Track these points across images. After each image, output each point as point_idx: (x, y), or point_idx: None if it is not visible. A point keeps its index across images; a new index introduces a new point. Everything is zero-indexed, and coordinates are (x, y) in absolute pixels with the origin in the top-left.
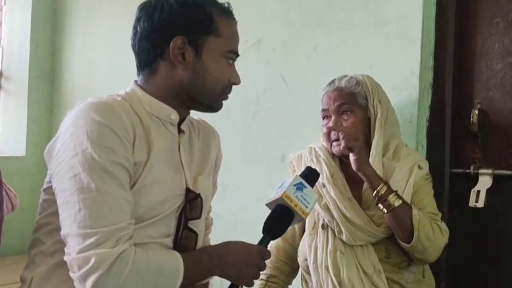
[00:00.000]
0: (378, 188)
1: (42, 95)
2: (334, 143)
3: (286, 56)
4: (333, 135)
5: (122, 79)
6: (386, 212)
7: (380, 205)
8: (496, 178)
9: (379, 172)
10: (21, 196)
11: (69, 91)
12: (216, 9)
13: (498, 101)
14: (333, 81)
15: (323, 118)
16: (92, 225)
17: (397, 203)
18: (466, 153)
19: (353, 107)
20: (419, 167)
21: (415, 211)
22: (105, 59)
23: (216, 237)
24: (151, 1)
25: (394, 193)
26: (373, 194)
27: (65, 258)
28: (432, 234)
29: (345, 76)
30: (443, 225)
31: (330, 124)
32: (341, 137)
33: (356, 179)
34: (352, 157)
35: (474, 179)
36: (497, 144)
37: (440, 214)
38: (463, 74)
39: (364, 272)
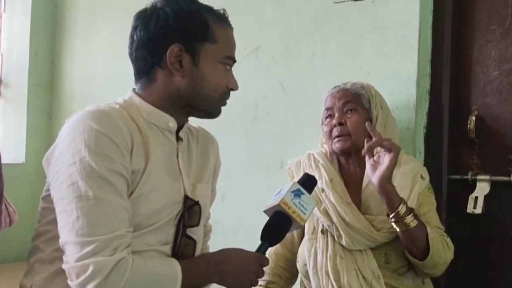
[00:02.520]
0: (398, 208)
1: (41, 102)
2: (335, 139)
3: (284, 63)
4: (335, 131)
5: (122, 86)
6: (400, 231)
7: (394, 224)
8: (493, 184)
9: None
10: (21, 203)
11: (69, 98)
12: (212, 16)
13: (495, 108)
14: (338, 85)
15: (326, 117)
16: (90, 233)
17: (413, 224)
18: (463, 160)
19: (357, 106)
20: (421, 177)
21: (429, 229)
22: (104, 66)
23: (215, 244)
24: (147, 10)
25: (411, 214)
26: (391, 214)
27: (64, 266)
28: (442, 250)
29: (350, 81)
30: (449, 240)
31: (334, 121)
32: (383, 143)
33: (354, 184)
34: (382, 171)
35: (472, 186)
36: (495, 150)
37: (443, 228)
38: (460, 81)
39: (364, 277)
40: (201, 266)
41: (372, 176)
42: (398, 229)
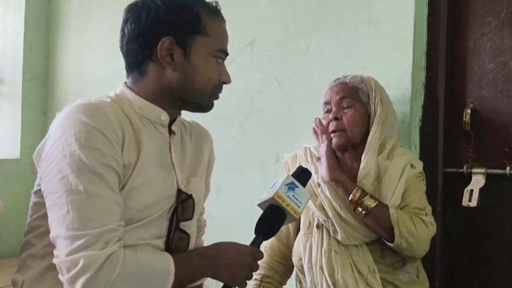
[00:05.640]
0: (353, 192)
1: (36, 97)
2: (332, 135)
3: (279, 57)
4: (331, 126)
5: (116, 81)
6: (364, 216)
7: (357, 209)
8: (489, 177)
9: (373, 170)
10: (16, 198)
11: (63, 93)
12: (204, 8)
13: (490, 101)
14: (338, 78)
15: (325, 112)
16: (80, 227)
17: (372, 204)
18: (459, 153)
19: (354, 101)
20: (411, 166)
21: (391, 210)
22: (99, 61)
23: (211, 238)
24: (137, 3)
25: (368, 195)
26: (349, 200)
27: (54, 260)
28: (415, 229)
29: (351, 74)
30: (428, 218)
31: (330, 115)
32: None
33: (351, 178)
34: (324, 163)
35: (467, 179)
36: (490, 143)
37: (428, 208)
38: (456, 74)
39: (359, 272)
40: (194, 260)
41: (324, 175)
42: (362, 213)
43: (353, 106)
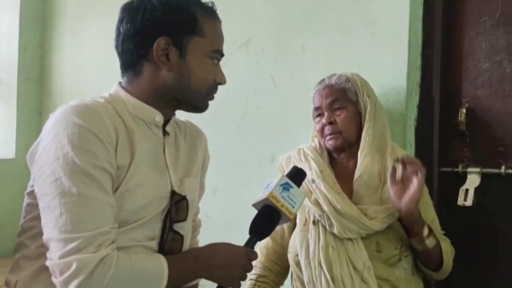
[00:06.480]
0: (424, 229)
1: (31, 97)
2: (328, 137)
3: (275, 56)
4: (326, 130)
5: (112, 81)
6: (419, 249)
7: (414, 244)
8: (484, 177)
9: (375, 165)
10: (11, 198)
11: (59, 93)
12: (200, 9)
13: (485, 100)
14: (323, 79)
15: (316, 116)
16: (73, 230)
17: (432, 245)
18: (454, 152)
19: (344, 102)
20: None
21: (443, 244)
22: (94, 61)
23: (206, 238)
24: (133, 2)
25: (433, 235)
26: (413, 237)
27: (47, 263)
28: (451, 259)
29: (334, 74)
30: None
31: (324, 120)
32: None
33: (345, 176)
34: (412, 194)
35: (462, 178)
36: (485, 142)
37: (442, 231)
38: (451, 73)
39: (354, 268)
40: (188, 261)
41: (398, 201)
42: (416, 247)
43: (345, 107)
